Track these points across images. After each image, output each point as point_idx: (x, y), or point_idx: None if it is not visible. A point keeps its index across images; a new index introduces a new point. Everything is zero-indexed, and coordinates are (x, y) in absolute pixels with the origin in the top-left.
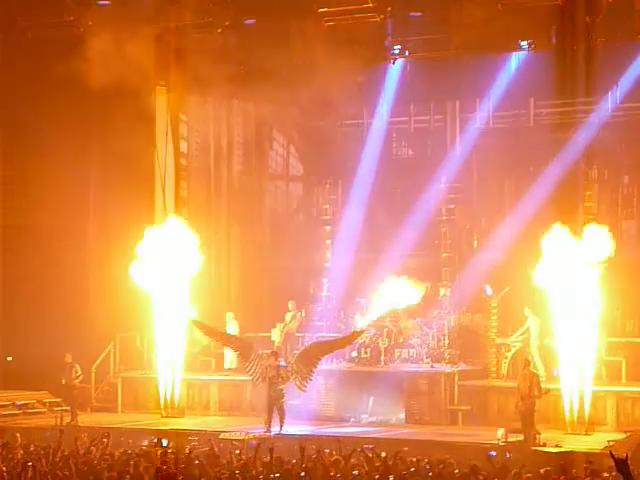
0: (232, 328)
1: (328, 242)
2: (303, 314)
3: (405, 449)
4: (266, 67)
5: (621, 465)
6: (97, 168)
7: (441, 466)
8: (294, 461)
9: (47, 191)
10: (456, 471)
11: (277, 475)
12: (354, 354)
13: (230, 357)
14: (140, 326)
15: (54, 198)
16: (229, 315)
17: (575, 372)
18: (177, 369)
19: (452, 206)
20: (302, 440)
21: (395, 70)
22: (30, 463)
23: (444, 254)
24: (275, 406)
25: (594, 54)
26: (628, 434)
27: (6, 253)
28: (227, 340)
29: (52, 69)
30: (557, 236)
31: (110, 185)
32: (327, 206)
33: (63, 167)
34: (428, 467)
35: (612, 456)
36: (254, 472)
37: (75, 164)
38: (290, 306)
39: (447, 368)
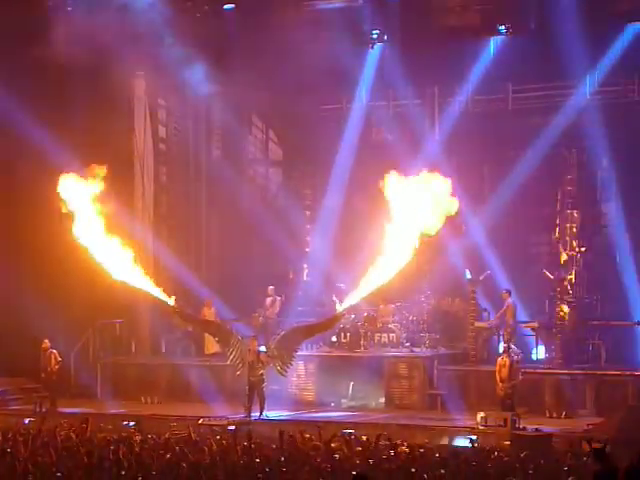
0: (211, 313)
1: (308, 227)
2: (283, 299)
3: (385, 433)
4: (245, 51)
5: (599, 454)
6: (75, 153)
7: (421, 450)
8: (274, 446)
9: (23, 177)
10: (436, 455)
11: (258, 461)
12: (334, 339)
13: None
14: (120, 312)
15: (30, 184)
16: (208, 301)
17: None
18: (157, 355)
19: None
20: (282, 425)
21: (374, 55)
22: (8, 450)
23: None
24: (255, 391)
25: (572, 37)
26: (606, 417)
27: None
28: (206, 326)
29: (26, 52)
30: None
31: (90, 173)
32: (307, 191)
33: (39, 150)
34: (408, 451)
35: (589, 445)
36: (235, 457)
37: (51, 149)
38: (270, 291)
39: (426, 352)
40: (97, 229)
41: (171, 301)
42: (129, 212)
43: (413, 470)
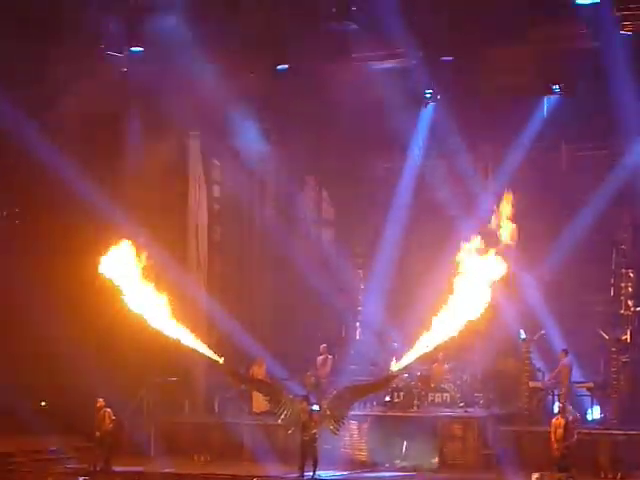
0: (261, 372)
1: (361, 286)
2: (335, 358)
3: None
4: (299, 112)
5: None
6: (130, 213)
7: None
8: None
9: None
10: None
11: None
12: (387, 398)
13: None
14: (174, 371)
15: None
16: (260, 359)
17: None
18: (210, 414)
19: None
20: None
21: (427, 114)
22: None
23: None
24: (308, 451)
25: (626, 96)
26: None
27: (40, 301)
28: (257, 385)
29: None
30: None
31: (144, 231)
32: (359, 249)
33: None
34: None
35: None
36: None
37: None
38: (322, 349)
39: (481, 412)
40: (148, 290)
41: (220, 360)
42: (183, 271)
43: None
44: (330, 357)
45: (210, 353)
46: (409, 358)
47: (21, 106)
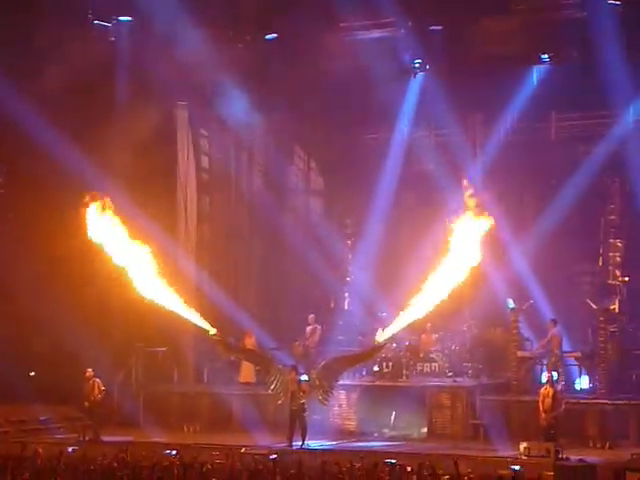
0: (252, 342)
1: (349, 256)
2: (323, 328)
3: (427, 463)
4: (287, 82)
5: None
6: (118, 182)
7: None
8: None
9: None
10: None
11: None
12: (376, 368)
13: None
14: (163, 341)
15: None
16: (249, 330)
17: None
18: (199, 383)
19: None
20: (324, 454)
21: (416, 84)
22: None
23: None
24: (297, 420)
25: (615, 65)
26: None
27: (28, 269)
28: (248, 355)
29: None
30: None
31: (132, 201)
32: (348, 220)
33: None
34: None
35: None
36: None
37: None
38: (310, 320)
39: (469, 382)
40: (139, 259)
41: (212, 330)
42: (172, 241)
43: None
44: (319, 327)
45: (202, 323)
46: (395, 327)
47: (7, 75)
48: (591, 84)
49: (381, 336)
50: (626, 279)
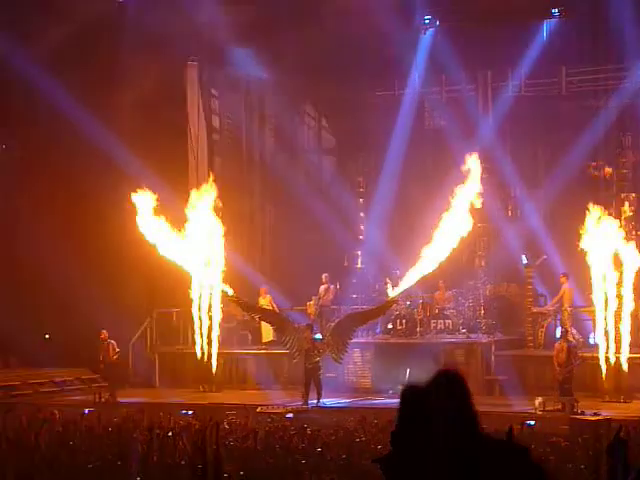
0: (266, 302)
1: (362, 214)
2: (337, 287)
3: None
4: (297, 39)
5: (617, 446)
6: (130, 143)
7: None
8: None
9: (82, 169)
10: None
11: (319, 450)
12: (390, 326)
13: (267, 331)
14: (176, 302)
15: (90, 177)
16: (263, 289)
17: (612, 339)
18: (214, 344)
19: (485, 176)
20: (340, 412)
21: (426, 41)
22: (71, 442)
23: (478, 224)
24: (312, 379)
25: (626, 19)
26: None
27: (42, 231)
28: (263, 314)
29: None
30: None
31: (144, 162)
32: (360, 178)
33: (89, 143)
34: None
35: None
36: (292, 444)
37: (104, 143)
38: (324, 279)
39: (483, 338)
40: (155, 220)
41: (230, 290)
42: (184, 202)
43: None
44: (332, 286)
45: (220, 283)
46: (406, 283)
47: (17, 37)
48: (601, 38)
49: (392, 292)
50: (639, 233)
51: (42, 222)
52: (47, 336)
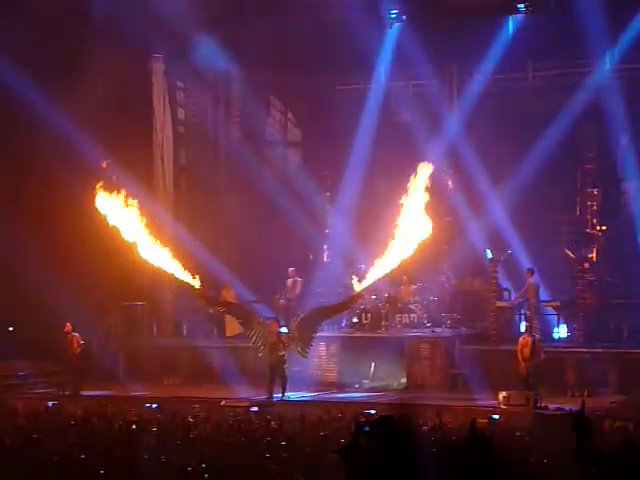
0: (230, 296)
1: (327, 208)
2: (303, 280)
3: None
4: (263, 31)
5: (581, 422)
6: (95, 135)
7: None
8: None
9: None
10: (454, 438)
11: (283, 443)
12: (355, 320)
13: (231, 324)
14: (141, 295)
15: (53, 168)
16: (228, 282)
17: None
18: (179, 337)
19: (450, 170)
20: (304, 406)
21: (392, 35)
22: (34, 435)
23: (445, 218)
24: (277, 372)
25: (592, 14)
26: (628, 395)
27: (6, 222)
28: (229, 308)
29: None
30: None
31: (109, 155)
32: (326, 172)
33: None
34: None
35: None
36: (257, 438)
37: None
38: (290, 272)
39: (448, 332)
40: (121, 213)
41: (196, 283)
42: (149, 194)
43: (434, 450)
44: (299, 280)
45: (185, 276)
46: (372, 278)
47: None
48: (567, 33)
49: (357, 286)
50: (604, 228)
51: (6, 213)
52: (11, 329)
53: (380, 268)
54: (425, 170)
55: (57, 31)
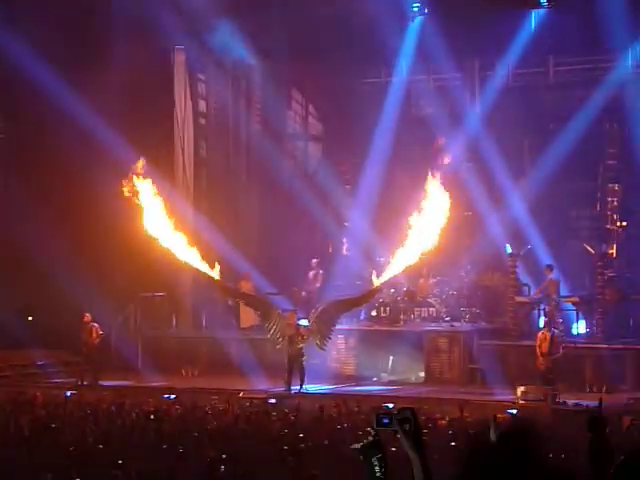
0: (249, 287)
1: (348, 201)
2: (324, 273)
3: (425, 407)
4: (285, 25)
5: (597, 422)
6: (117, 127)
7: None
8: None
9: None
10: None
11: (300, 435)
12: (374, 313)
13: (247, 315)
14: (161, 286)
15: (75, 160)
16: (247, 274)
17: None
18: (198, 328)
19: (471, 164)
20: (322, 399)
21: (414, 28)
22: (53, 425)
23: (465, 212)
24: (295, 365)
25: (615, 9)
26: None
27: (31, 214)
28: (248, 300)
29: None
30: None
31: (131, 146)
32: (347, 165)
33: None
34: (447, 425)
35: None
36: (274, 430)
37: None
38: (313, 264)
39: (467, 327)
40: (144, 204)
41: (216, 275)
42: (170, 186)
43: (453, 444)
44: (321, 272)
45: (205, 268)
46: (391, 271)
47: (7, 24)
48: (589, 28)
49: (377, 279)
50: (624, 224)
51: (26, 206)
52: (30, 318)
53: (399, 261)
54: (445, 165)
55: (81, 26)
